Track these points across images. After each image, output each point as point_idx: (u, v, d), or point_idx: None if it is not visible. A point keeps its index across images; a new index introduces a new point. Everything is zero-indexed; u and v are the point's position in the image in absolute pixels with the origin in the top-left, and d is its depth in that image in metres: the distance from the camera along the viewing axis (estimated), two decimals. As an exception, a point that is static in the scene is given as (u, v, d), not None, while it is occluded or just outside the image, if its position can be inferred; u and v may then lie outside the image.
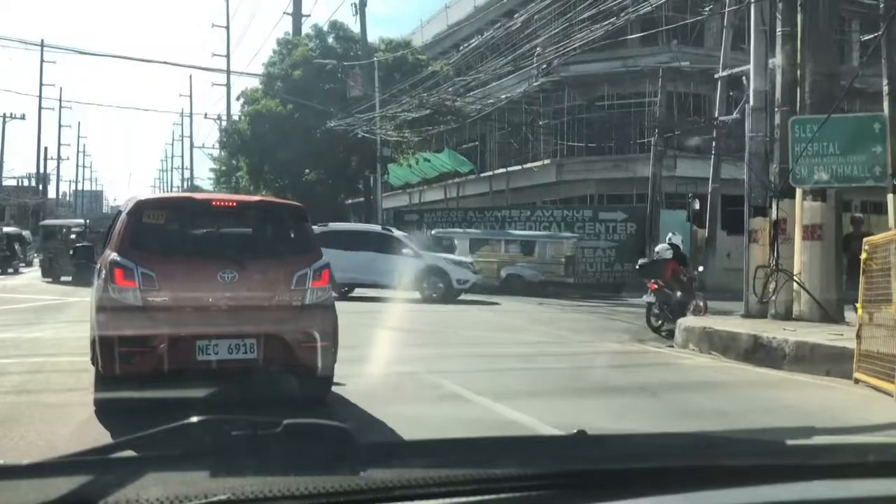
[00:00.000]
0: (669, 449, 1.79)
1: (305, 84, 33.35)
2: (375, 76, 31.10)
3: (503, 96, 30.29)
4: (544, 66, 25.63)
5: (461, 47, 35.06)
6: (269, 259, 6.91)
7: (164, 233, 6.81)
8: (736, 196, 27.51)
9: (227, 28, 53.73)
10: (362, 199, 35.73)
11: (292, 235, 7.20)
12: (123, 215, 6.99)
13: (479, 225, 28.09)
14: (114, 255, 6.55)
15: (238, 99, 39.22)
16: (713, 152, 23.69)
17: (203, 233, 7.11)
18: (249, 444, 1.41)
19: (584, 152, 30.87)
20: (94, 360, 6.79)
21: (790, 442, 1.85)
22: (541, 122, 32.37)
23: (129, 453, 1.43)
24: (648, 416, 6.69)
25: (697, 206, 25.15)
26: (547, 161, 31.80)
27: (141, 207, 6.92)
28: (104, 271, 6.63)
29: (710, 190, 24.13)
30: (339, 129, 30.56)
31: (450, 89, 28.79)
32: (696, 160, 25.58)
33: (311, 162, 34.25)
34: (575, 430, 1.68)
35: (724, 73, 20.40)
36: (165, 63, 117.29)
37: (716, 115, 22.93)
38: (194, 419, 1.47)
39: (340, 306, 7.21)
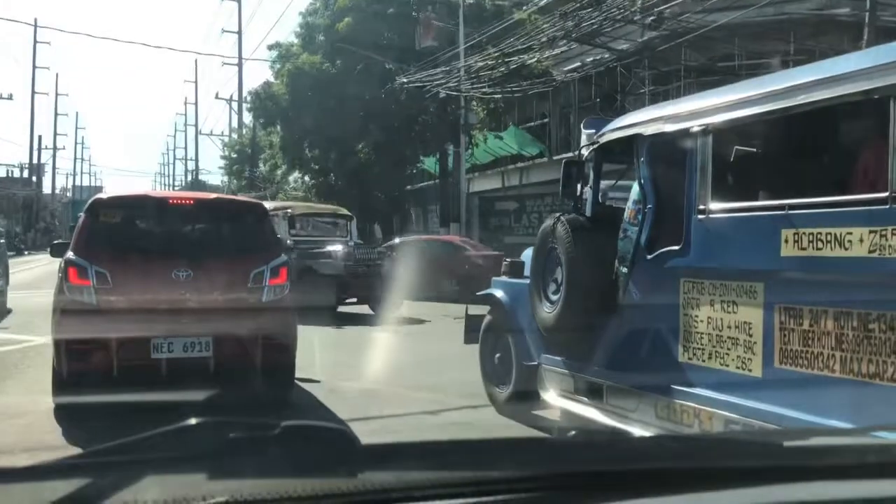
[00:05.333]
0: (667, 450, 1.79)
1: (355, 36, 26.22)
2: (461, 13, 23.67)
3: (589, 59, 22.91)
4: (652, 17, 20.02)
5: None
6: (225, 257, 6.94)
7: (119, 231, 6.90)
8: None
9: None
10: (433, 181, 29.08)
11: (250, 233, 7.23)
12: (81, 214, 7.10)
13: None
14: (69, 254, 6.66)
15: (270, 49, 31.80)
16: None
17: (159, 231, 7.19)
18: (248, 445, 1.40)
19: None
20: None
21: (788, 443, 1.85)
22: (645, 90, 23.99)
23: (127, 455, 1.43)
24: None
25: None
26: (654, 136, 24.60)
27: (97, 206, 7.01)
28: (60, 270, 6.73)
29: None
30: (404, 93, 24.37)
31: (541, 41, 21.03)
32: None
33: (363, 135, 27.54)
34: (573, 432, 1.69)
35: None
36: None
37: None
38: (192, 421, 1.47)
39: None
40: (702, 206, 4.67)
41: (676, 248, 4.87)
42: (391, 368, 8.64)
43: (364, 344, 11.02)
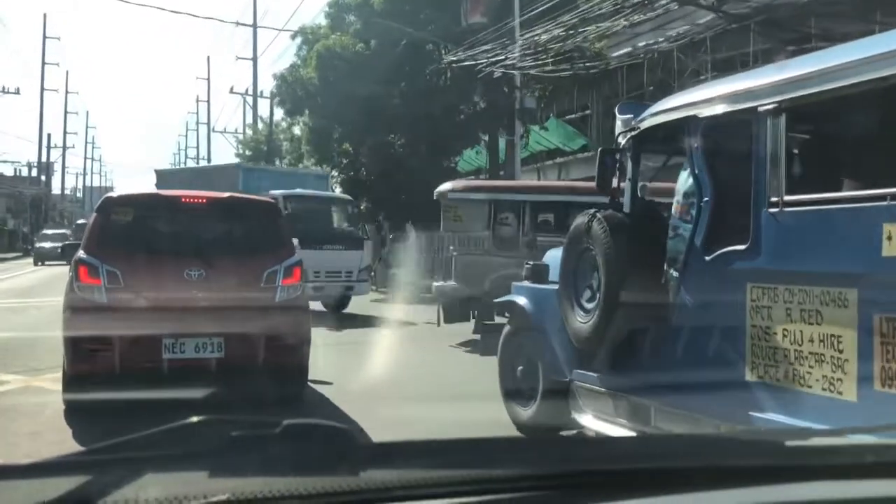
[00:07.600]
0: (669, 449, 1.79)
1: (392, 13, 23.35)
2: None
3: (640, 44, 19.40)
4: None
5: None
6: (238, 256, 6.90)
7: (131, 230, 6.83)
8: None
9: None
10: (472, 176, 25.86)
11: (263, 232, 7.17)
12: (93, 213, 7.15)
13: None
14: (80, 253, 6.67)
15: (294, 38, 29.06)
16: None
17: (171, 230, 7.13)
18: (249, 444, 1.40)
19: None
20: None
21: (789, 443, 1.85)
22: (706, 75, 19.93)
23: (129, 453, 1.43)
24: None
25: None
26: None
27: (108, 204, 6.99)
28: (71, 269, 6.73)
29: None
30: (446, 77, 22.03)
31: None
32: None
33: (398, 124, 24.66)
34: (575, 431, 1.69)
35: None
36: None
37: None
38: (194, 419, 1.47)
39: None
40: (774, 199, 4.05)
41: (742, 247, 4.26)
42: (399, 369, 8.63)
43: (375, 345, 11.03)
